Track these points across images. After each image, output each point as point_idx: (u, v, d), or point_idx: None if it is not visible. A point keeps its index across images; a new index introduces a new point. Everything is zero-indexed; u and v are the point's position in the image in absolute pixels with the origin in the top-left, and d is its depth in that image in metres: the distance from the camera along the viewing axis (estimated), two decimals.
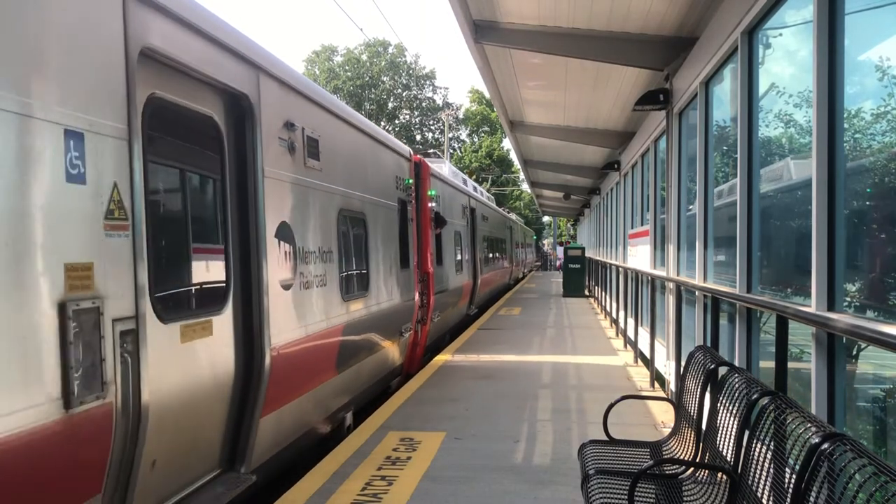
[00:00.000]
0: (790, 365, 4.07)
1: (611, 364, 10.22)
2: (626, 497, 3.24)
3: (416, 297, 10.00)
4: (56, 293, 2.98)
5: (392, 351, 8.73)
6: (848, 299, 3.68)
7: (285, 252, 5.28)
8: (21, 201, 2.84)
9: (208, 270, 4.54)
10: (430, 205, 11.03)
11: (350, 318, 6.83)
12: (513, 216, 35.93)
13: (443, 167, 14.05)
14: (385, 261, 8.42)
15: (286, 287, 5.28)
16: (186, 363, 4.06)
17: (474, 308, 17.12)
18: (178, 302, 4.22)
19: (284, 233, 5.27)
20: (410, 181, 10.07)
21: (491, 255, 21.64)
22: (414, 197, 10.19)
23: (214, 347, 4.36)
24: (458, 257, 14.59)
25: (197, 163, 4.54)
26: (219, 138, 4.57)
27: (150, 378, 3.54)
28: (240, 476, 4.61)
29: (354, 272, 7.30)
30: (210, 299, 4.47)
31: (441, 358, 10.64)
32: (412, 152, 10.49)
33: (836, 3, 3.71)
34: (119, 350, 3.34)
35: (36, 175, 2.91)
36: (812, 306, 3.79)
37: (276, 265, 5.06)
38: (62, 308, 2.99)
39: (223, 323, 4.48)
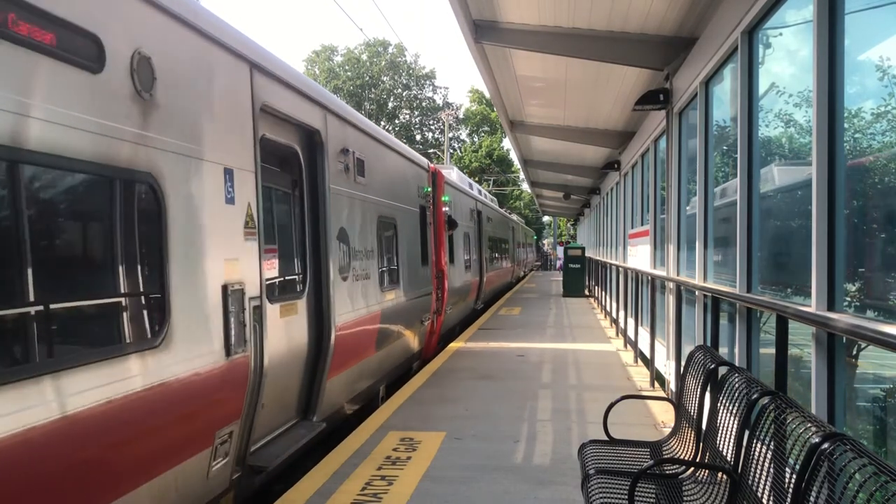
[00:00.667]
0: (790, 365, 4.07)
1: (611, 364, 10.22)
2: (627, 497, 3.24)
3: (434, 291, 11.46)
4: (220, 279, 4.30)
5: (415, 336, 10.09)
6: (848, 299, 3.68)
7: (343, 251, 6.62)
8: (203, 216, 4.16)
9: (293, 265, 5.87)
10: (443, 209, 12.39)
11: (386, 306, 8.20)
12: (514, 217, 37.23)
13: (451, 173, 15.11)
14: (410, 259, 9.82)
15: (343, 279, 6.60)
16: (283, 334, 5.35)
17: (480, 303, 18.33)
18: (278, 288, 5.51)
19: (342, 235, 6.62)
20: (428, 189, 11.52)
21: (495, 255, 23.01)
22: (430, 202, 11.62)
23: (298, 323, 5.69)
24: (467, 256, 15.90)
25: (284, 184, 5.83)
26: (299, 164, 5.91)
27: (267, 342, 4.83)
28: (313, 423, 5.91)
29: (388, 268, 8.71)
30: (294, 287, 5.85)
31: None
32: (430, 164, 11.92)
33: (836, 2, 3.71)
34: (252, 320, 4.63)
35: (212, 199, 4.27)
36: (812, 306, 3.79)
37: (336, 261, 6.38)
38: (224, 289, 4.32)
39: (303, 305, 5.81)
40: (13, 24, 2.82)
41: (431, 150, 53.99)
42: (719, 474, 3.62)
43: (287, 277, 5.76)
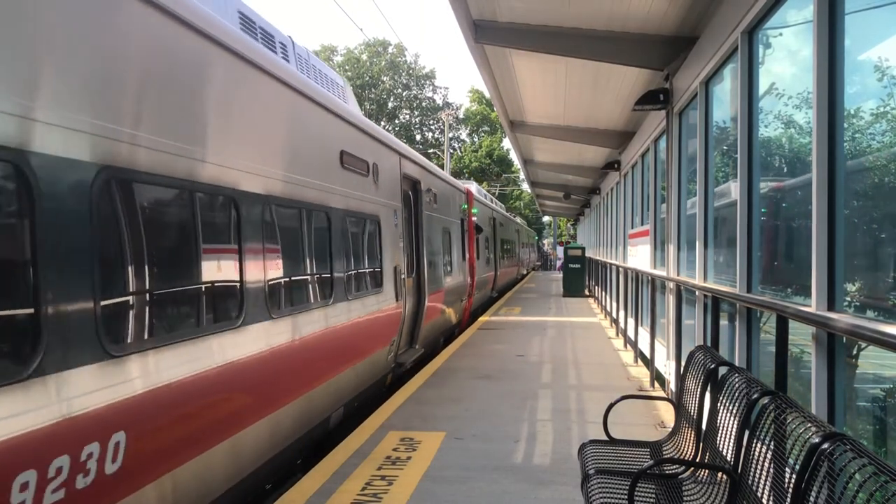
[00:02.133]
0: (790, 365, 4.07)
1: (611, 364, 10.23)
2: (626, 497, 3.24)
3: (468, 279, 16.15)
4: (394, 263, 8.72)
5: (457, 309, 14.64)
6: (848, 299, 3.68)
7: (427, 250, 11.14)
8: (389, 233, 8.68)
9: (409, 257, 10.04)
10: (472, 219, 17.35)
11: (447, 286, 13.04)
12: (518, 220, 41.57)
13: (471, 187, 19.30)
14: (456, 255, 14.70)
15: (428, 266, 11.08)
16: (408, 295, 9.70)
17: (495, 292, 23.53)
18: (405, 268, 9.60)
19: (427, 241, 11.22)
20: (466, 206, 16.58)
21: (506, 254, 27.64)
22: (465, 215, 16.48)
23: (410, 290, 9.97)
24: (487, 255, 20.80)
25: (407, 212, 10.12)
26: (409, 201, 10.42)
27: (406, 298, 9.27)
28: (416, 349, 10.21)
29: (448, 262, 13.50)
30: (410, 269, 10.08)
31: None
32: (464, 186, 17.37)
33: (836, 2, 3.71)
34: (402, 285, 9.01)
35: (391, 224, 8.77)
36: (812, 306, 3.79)
37: (425, 256, 10.91)
38: (395, 268, 8.79)
39: (412, 281, 10.16)
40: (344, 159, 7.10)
41: (431, 151, 53.98)
42: (719, 474, 3.62)
43: (406, 263, 9.84)
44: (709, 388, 4.07)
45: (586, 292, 23.76)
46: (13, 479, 2.73)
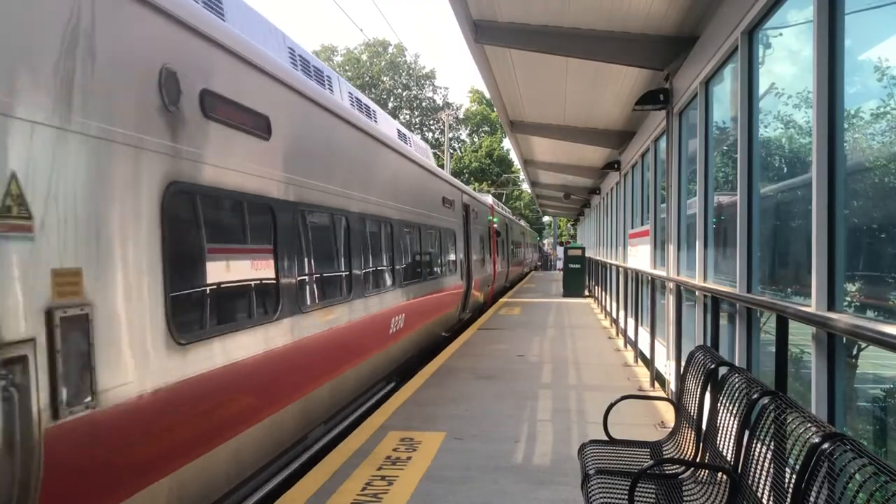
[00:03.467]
0: (790, 365, 4.07)
1: (611, 364, 10.23)
2: (627, 497, 3.24)
3: (492, 271, 21.83)
4: (462, 255, 15.91)
5: (485, 292, 19.86)
6: (848, 299, 3.68)
7: (472, 251, 17.12)
8: (462, 239, 16.05)
9: (463, 255, 15.83)
10: (494, 226, 22.61)
11: (481, 276, 18.48)
12: (522, 223, 44.69)
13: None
14: (486, 254, 20.22)
15: (476, 261, 17.62)
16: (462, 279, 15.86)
17: (508, 283, 29.22)
18: (463, 262, 15.93)
19: (472, 244, 17.19)
20: (490, 217, 21.93)
21: (514, 253, 32.80)
22: (489, 223, 22.03)
23: (463, 276, 15.80)
24: (503, 253, 26.15)
25: (463, 227, 16.26)
26: (459, 219, 15.67)
27: (464, 280, 15.92)
28: (465, 313, 16.07)
29: (481, 258, 18.94)
30: (463, 263, 16.01)
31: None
32: (489, 201, 22.98)
33: (836, 3, 3.71)
34: (467, 269, 16.20)
35: (460, 236, 15.77)
36: (812, 306, 3.79)
37: (470, 254, 16.64)
38: (460, 262, 15.54)
39: (464, 271, 15.93)
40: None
41: (431, 151, 53.90)
42: (719, 474, 3.62)
43: (463, 259, 15.74)
44: (709, 389, 4.07)
45: (586, 292, 23.76)
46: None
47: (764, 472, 2.97)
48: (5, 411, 2.68)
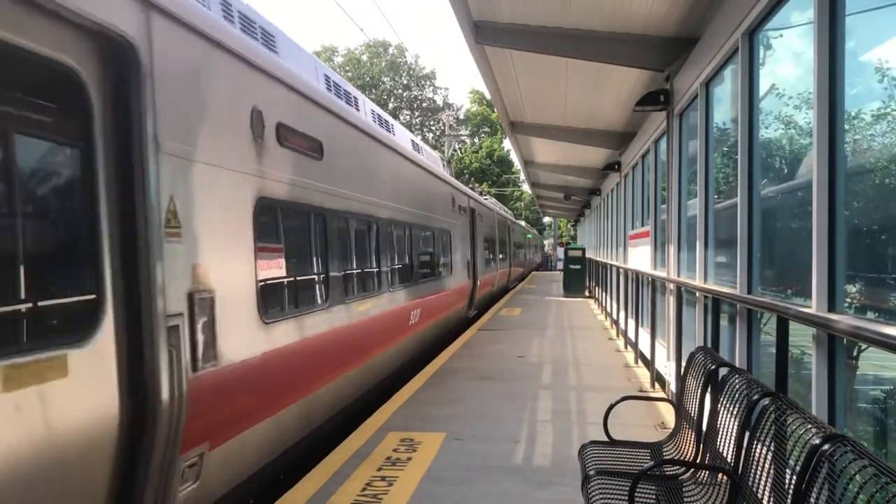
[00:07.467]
0: (790, 366, 4.07)
1: (611, 364, 10.22)
2: (627, 498, 3.24)
3: (497, 270, 23.27)
4: (469, 256, 16.52)
5: (490, 289, 20.87)
6: (848, 300, 3.67)
7: (480, 249, 18.53)
8: (468, 240, 16.50)
9: (469, 256, 16.62)
10: (497, 228, 23.75)
11: (487, 275, 19.76)
12: (522, 223, 45.87)
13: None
14: (491, 255, 21.53)
15: (481, 262, 18.53)
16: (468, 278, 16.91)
17: (513, 282, 31.16)
18: (469, 263, 16.78)
19: (480, 244, 18.45)
20: (494, 220, 23.12)
21: (519, 254, 35.45)
22: (496, 226, 23.34)
23: (469, 274, 16.78)
24: (507, 254, 28.07)
25: (470, 228, 17.04)
26: (466, 222, 16.56)
27: (471, 279, 16.89)
28: (471, 310, 16.96)
29: (488, 258, 20.32)
30: (470, 262, 16.86)
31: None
32: (499, 209, 26.02)
33: (836, 4, 3.71)
34: (472, 269, 16.78)
35: (465, 232, 16.22)
36: (812, 307, 3.78)
37: (477, 254, 17.68)
38: (472, 258, 17.03)
39: (470, 271, 16.59)
40: None
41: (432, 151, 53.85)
42: (719, 475, 3.62)
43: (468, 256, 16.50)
44: (709, 389, 4.07)
45: (587, 293, 23.76)
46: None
47: (764, 474, 2.97)
48: (170, 363, 3.65)
